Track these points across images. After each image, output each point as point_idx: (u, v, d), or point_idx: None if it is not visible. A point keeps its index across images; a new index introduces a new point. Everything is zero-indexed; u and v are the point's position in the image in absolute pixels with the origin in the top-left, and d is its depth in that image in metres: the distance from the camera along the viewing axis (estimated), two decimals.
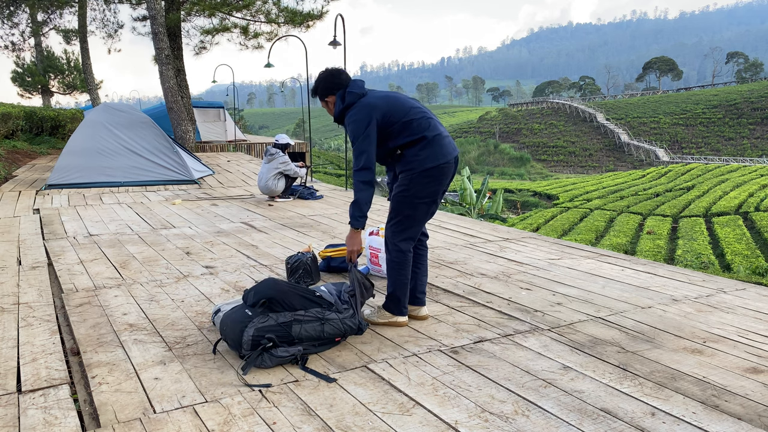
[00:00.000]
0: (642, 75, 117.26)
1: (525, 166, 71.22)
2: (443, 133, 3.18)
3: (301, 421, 2.22)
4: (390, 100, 3.16)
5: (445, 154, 3.13)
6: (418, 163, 3.10)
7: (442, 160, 3.11)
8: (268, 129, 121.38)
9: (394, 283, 3.24)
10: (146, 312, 3.49)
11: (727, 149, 66.21)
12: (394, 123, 3.10)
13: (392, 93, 3.24)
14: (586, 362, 2.77)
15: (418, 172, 3.10)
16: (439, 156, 3.11)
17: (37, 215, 6.98)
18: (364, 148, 3.03)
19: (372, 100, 3.11)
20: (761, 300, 3.77)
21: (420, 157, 3.10)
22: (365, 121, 3.05)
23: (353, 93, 3.15)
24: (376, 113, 3.07)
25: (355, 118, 3.07)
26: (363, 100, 3.13)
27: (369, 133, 3.04)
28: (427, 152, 3.10)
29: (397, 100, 3.18)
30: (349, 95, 3.15)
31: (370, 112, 3.06)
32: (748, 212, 27.88)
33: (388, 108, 3.10)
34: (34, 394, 2.44)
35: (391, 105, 3.12)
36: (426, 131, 3.12)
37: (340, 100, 3.17)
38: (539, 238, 5.77)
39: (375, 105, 3.09)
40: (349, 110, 3.14)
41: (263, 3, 16.37)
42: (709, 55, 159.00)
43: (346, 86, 3.19)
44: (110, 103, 10.50)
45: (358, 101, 3.13)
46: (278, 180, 8.15)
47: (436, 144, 3.12)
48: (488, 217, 24.11)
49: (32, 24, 23.89)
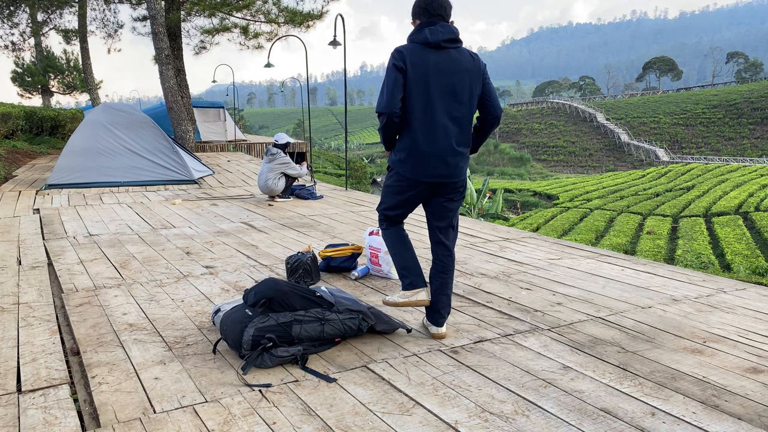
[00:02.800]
0: (642, 75, 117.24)
1: (525, 166, 71.21)
2: (429, 152, 2.89)
3: (301, 421, 2.22)
4: (425, 74, 2.85)
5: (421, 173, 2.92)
6: (397, 161, 2.98)
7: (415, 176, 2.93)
8: (268, 129, 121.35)
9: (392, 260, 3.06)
10: (146, 312, 3.49)
11: (727, 149, 66.20)
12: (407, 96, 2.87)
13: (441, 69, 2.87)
14: (586, 362, 2.77)
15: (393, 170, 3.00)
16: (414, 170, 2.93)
17: (37, 215, 6.98)
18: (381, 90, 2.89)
19: (407, 54, 2.85)
20: (761, 300, 3.77)
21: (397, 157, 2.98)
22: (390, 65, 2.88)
23: (416, 33, 2.91)
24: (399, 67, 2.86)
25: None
26: (407, 45, 2.90)
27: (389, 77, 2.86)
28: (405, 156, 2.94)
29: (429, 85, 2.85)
30: (413, 34, 2.93)
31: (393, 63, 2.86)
32: (748, 212, 27.88)
33: (414, 77, 2.85)
34: (34, 394, 2.44)
35: (418, 78, 2.85)
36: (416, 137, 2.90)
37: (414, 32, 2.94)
38: (539, 238, 5.77)
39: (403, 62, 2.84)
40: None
41: (263, 3, 16.36)
42: (709, 55, 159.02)
43: (428, 23, 2.89)
44: (110, 103, 10.50)
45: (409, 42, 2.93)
46: (278, 180, 8.15)
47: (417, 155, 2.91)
48: (490, 216, 24.11)
49: (32, 24, 23.89)
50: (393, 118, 2.86)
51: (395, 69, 2.83)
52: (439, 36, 2.84)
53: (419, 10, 2.92)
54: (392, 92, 2.83)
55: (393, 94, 2.83)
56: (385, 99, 2.84)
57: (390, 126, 2.89)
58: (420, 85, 2.84)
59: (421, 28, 2.89)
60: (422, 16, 2.92)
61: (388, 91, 2.83)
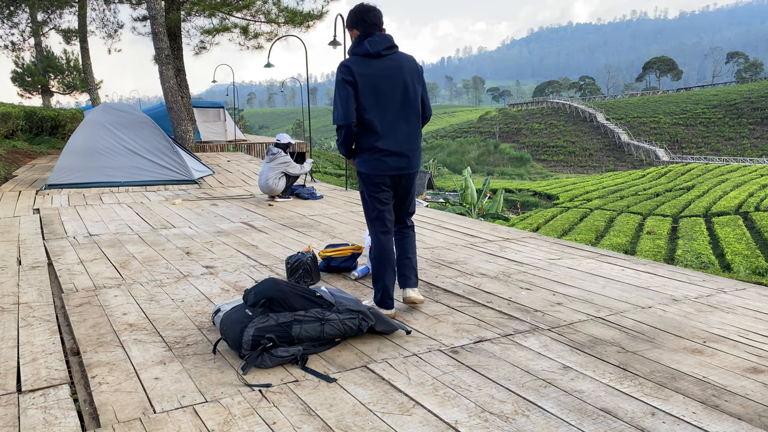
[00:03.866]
0: (642, 75, 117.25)
1: (525, 166, 71.23)
2: (389, 150, 3.23)
3: (301, 421, 2.22)
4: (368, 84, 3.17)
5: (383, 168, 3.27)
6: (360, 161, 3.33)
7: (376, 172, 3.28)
8: (268, 129, 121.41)
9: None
10: (146, 312, 3.49)
11: (727, 149, 66.20)
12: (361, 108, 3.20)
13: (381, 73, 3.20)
14: (586, 362, 2.77)
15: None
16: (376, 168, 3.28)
17: (37, 215, 6.99)
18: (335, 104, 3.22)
19: (353, 67, 3.16)
20: (761, 300, 3.77)
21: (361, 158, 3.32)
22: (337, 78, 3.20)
23: (357, 47, 3.23)
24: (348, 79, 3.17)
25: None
26: (350, 59, 3.21)
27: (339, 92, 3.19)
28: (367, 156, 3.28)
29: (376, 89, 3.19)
30: (355, 47, 3.24)
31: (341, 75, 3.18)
32: (748, 212, 27.88)
33: (363, 89, 3.16)
34: (34, 394, 2.44)
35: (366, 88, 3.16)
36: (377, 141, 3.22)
37: (354, 44, 3.26)
38: (539, 238, 5.77)
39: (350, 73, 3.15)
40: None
41: (263, 3, 16.36)
42: (709, 55, 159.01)
43: (365, 34, 3.22)
44: (110, 103, 10.49)
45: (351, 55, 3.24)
46: (279, 180, 8.15)
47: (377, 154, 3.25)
48: (490, 216, 24.12)
49: (32, 24, 23.87)
50: (351, 128, 3.18)
51: (345, 83, 3.14)
52: (378, 46, 3.18)
53: (356, 20, 3.23)
54: (346, 104, 3.14)
55: (347, 106, 3.14)
56: (342, 111, 3.15)
57: (349, 136, 3.22)
58: (370, 92, 3.16)
59: (360, 40, 3.21)
60: (359, 27, 3.23)
61: (343, 104, 3.14)
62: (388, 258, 3.30)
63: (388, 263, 3.30)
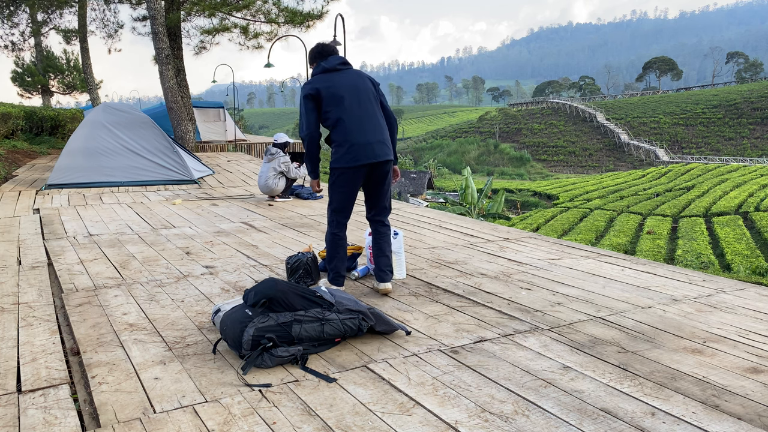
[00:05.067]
0: (642, 75, 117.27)
1: (525, 166, 71.24)
2: (361, 141, 3.61)
3: (301, 421, 2.22)
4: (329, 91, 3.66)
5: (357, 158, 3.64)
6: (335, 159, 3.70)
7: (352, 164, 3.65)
8: (268, 129, 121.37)
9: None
10: (146, 312, 3.49)
11: (727, 149, 66.22)
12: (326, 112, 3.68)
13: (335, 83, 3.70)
14: (586, 362, 2.77)
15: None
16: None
17: (37, 215, 6.99)
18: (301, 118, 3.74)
19: (314, 83, 3.69)
20: (761, 300, 3.77)
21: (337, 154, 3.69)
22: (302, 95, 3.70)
23: (315, 68, 3.80)
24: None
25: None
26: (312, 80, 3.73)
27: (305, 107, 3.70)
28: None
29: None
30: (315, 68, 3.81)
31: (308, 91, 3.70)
32: (748, 212, 27.89)
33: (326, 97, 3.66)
34: (34, 394, 2.44)
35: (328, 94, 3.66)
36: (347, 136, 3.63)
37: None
38: (539, 238, 5.77)
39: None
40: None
41: (263, 3, 16.36)
42: (709, 55, 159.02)
43: (320, 61, 3.78)
44: (110, 103, 10.49)
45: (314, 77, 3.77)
46: (278, 179, 8.15)
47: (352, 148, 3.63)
48: (491, 216, 24.12)
49: (32, 24, 23.87)
50: (314, 136, 3.67)
51: (308, 98, 3.65)
52: (332, 62, 3.74)
53: (315, 54, 3.81)
54: (309, 117, 3.65)
55: (310, 118, 3.65)
56: (305, 123, 3.65)
57: (313, 143, 3.70)
58: (336, 98, 3.63)
59: (318, 64, 3.78)
60: (318, 58, 3.80)
61: (307, 117, 3.65)
62: (342, 244, 3.82)
63: (341, 248, 3.82)
